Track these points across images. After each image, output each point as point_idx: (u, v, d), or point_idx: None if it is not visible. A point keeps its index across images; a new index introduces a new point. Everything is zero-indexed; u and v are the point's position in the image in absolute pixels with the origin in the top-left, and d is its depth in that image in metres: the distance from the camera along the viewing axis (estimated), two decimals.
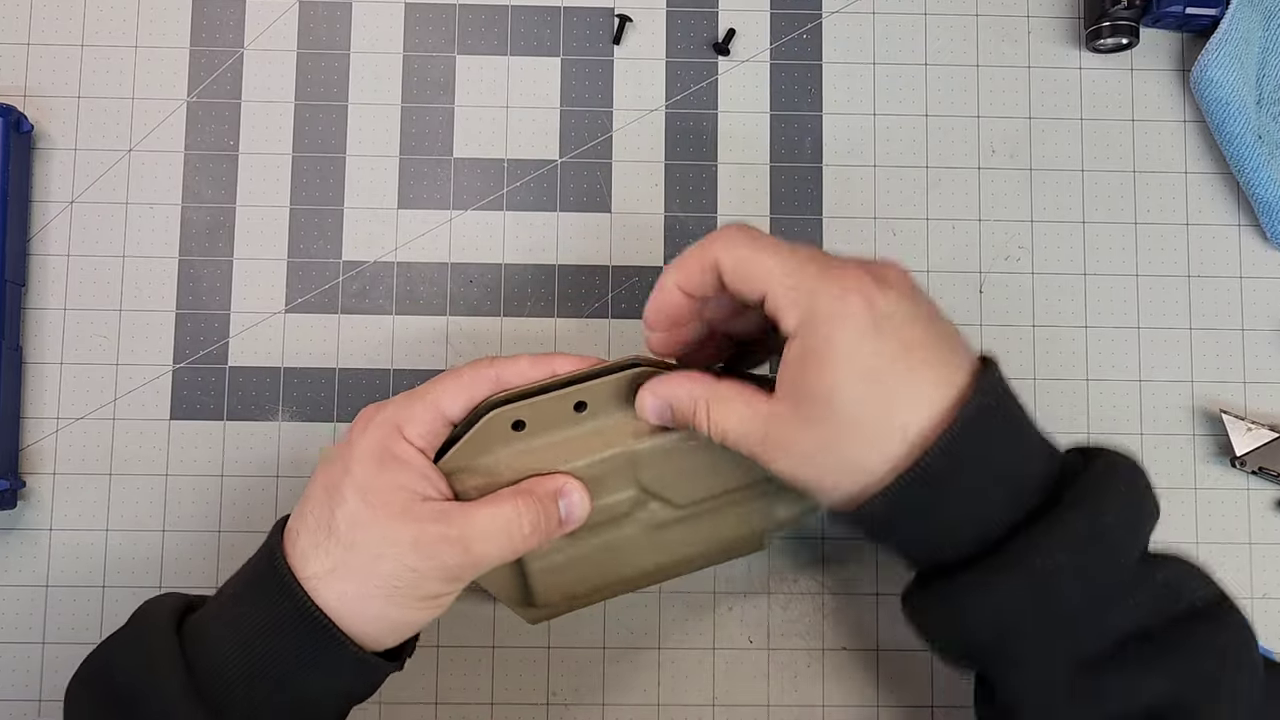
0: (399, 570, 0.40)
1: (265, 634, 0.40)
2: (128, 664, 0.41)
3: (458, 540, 0.41)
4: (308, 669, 0.41)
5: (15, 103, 0.56)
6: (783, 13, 0.59)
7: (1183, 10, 0.56)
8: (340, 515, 0.41)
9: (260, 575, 0.42)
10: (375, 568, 0.40)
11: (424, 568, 0.41)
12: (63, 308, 0.56)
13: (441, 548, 0.41)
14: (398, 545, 0.40)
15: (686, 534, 0.48)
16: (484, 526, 0.41)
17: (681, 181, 0.58)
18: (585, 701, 0.55)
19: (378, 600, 0.41)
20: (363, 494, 0.41)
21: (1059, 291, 0.58)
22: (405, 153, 0.58)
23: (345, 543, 0.41)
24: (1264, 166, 0.56)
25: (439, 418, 0.43)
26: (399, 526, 0.41)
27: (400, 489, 0.41)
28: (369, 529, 0.41)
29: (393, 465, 0.41)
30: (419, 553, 0.41)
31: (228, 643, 0.41)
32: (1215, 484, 0.57)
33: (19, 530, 0.55)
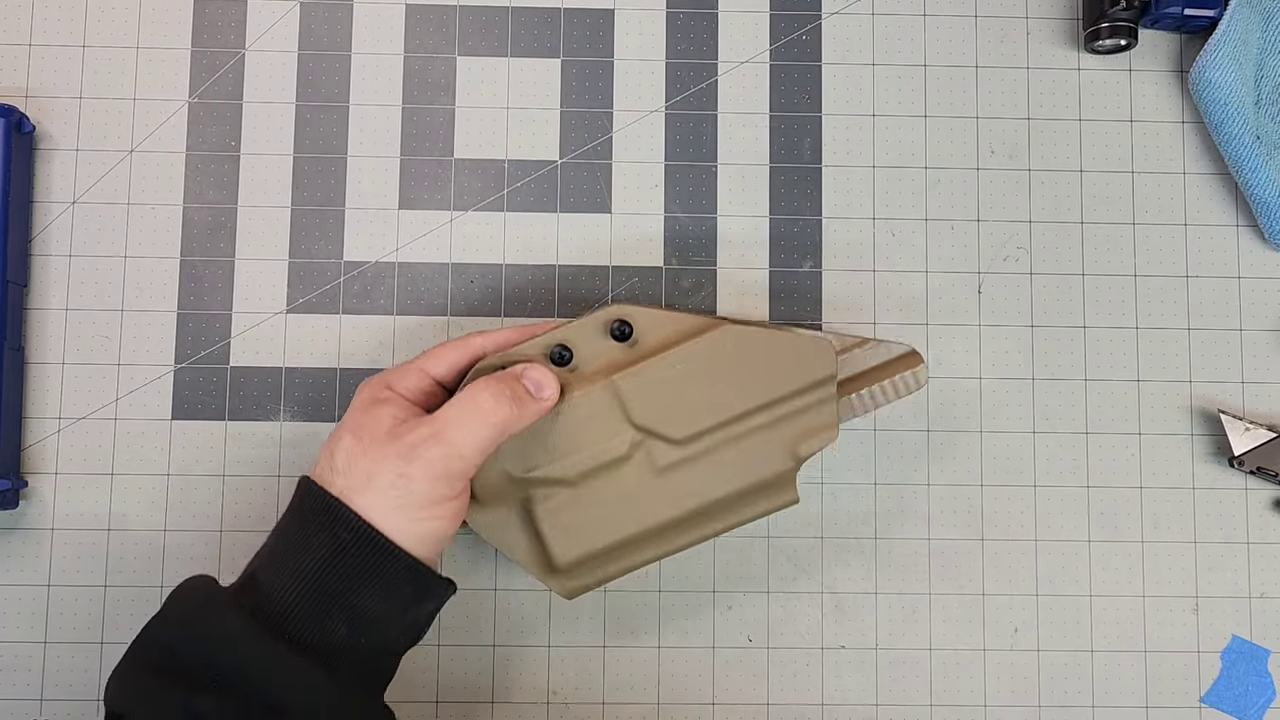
0: (392, 481, 0.44)
1: (324, 561, 0.43)
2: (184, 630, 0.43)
3: (431, 435, 0.44)
4: (367, 587, 0.43)
5: (17, 103, 0.56)
6: (782, 13, 0.59)
7: (1181, 11, 0.57)
8: (338, 454, 0.45)
9: (304, 515, 0.45)
10: (371, 484, 0.44)
11: (411, 471, 0.44)
12: (64, 308, 0.56)
13: (420, 447, 0.44)
14: (385, 460, 0.44)
15: (699, 476, 0.49)
16: (452, 414, 0.45)
17: (681, 182, 0.58)
18: (585, 701, 0.55)
19: (384, 512, 0.43)
20: (354, 431, 0.45)
21: (1057, 292, 0.58)
22: (406, 153, 0.58)
23: (343, 471, 0.44)
24: (1262, 167, 0.56)
25: (425, 376, 0.48)
26: (384, 445, 0.44)
27: (382, 419, 0.45)
28: (361, 460, 0.44)
29: (378, 407, 0.46)
30: (403, 458, 0.44)
31: (289, 584, 0.43)
32: (1213, 484, 0.57)
33: (21, 530, 0.55)
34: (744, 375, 0.48)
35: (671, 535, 0.49)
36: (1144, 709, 0.56)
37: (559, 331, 0.48)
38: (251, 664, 0.41)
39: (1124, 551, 0.57)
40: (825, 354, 0.49)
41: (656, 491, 0.48)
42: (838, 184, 0.58)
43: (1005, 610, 0.56)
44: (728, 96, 0.59)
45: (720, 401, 0.48)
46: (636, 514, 0.49)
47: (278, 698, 0.41)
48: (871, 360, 0.51)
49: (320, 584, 0.43)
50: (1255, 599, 0.57)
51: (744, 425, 0.48)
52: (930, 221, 0.58)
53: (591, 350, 0.48)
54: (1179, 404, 0.58)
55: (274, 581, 0.43)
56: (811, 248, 0.58)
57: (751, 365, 0.48)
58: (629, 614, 0.56)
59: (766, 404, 0.49)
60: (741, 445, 0.49)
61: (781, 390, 0.49)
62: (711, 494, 0.49)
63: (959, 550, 0.57)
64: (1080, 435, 0.57)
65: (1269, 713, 0.56)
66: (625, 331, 0.48)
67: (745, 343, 0.48)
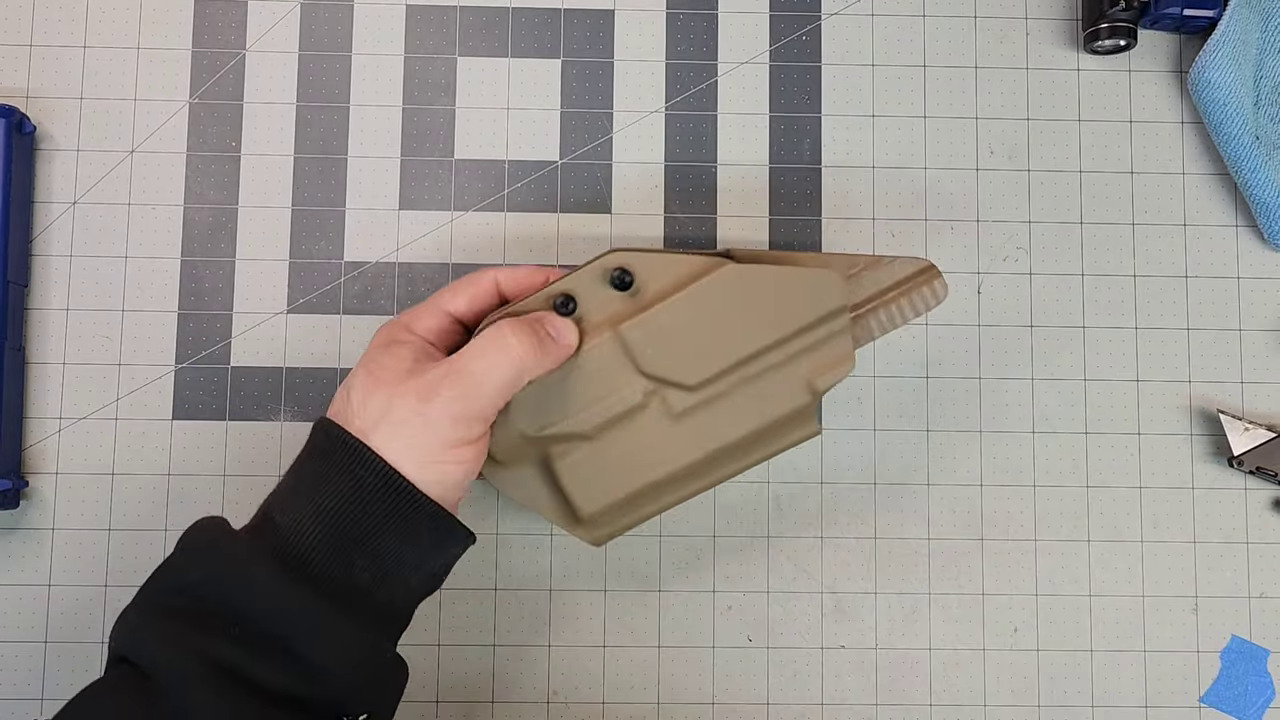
0: (408, 418, 0.42)
1: (346, 501, 0.42)
2: (202, 570, 0.41)
3: (450, 372, 0.43)
4: (388, 531, 0.42)
5: (18, 104, 0.56)
6: (782, 14, 0.59)
7: (1180, 12, 0.57)
8: (354, 390, 0.44)
9: (323, 454, 0.43)
10: (387, 422, 0.42)
11: (429, 409, 0.42)
12: (65, 308, 0.56)
13: (440, 384, 0.43)
14: (403, 396, 0.43)
15: (717, 419, 0.48)
16: (472, 351, 0.44)
17: (681, 183, 0.58)
18: (585, 700, 0.55)
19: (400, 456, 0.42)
20: (368, 368, 0.44)
21: (1057, 292, 0.58)
22: (406, 154, 0.58)
23: (359, 411, 0.43)
24: (1261, 167, 0.56)
25: (442, 313, 0.47)
26: (403, 382, 0.43)
27: (402, 358, 0.44)
28: (375, 393, 0.43)
29: (396, 347, 0.45)
30: (421, 395, 0.43)
31: (310, 525, 0.41)
32: (1213, 484, 0.57)
33: (21, 530, 0.55)
34: (751, 315, 0.47)
35: (696, 477, 0.49)
36: (1143, 709, 0.56)
37: (561, 282, 0.47)
38: (280, 616, 0.40)
39: (1123, 551, 0.57)
40: (834, 285, 0.48)
41: (676, 437, 0.48)
42: (838, 184, 0.58)
43: (1005, 610, 0.56)
44: (728, 97, 0.59)
45: (730, 344, 0.47)
46: (658, 460, 0.48)
47: (304, 646, 0.40)
48: (886, 279, 0.50)
49: (342, 526, 0.41)
50: (1255, 599, 0.57)
51: (758, 365, 0.48)
52: (930, 222, 0.58)
53: (595, 300, 0.47)
54: (1178, 404, 0.58)
55: (294, 523, 0.42)
56: (811, 247, 0.58)
57: (758, 304, 0.47)
58: (629, 614, 0.56)
59: (778, 341, 0.48)
60: (757, 384, 0.48)
61: (792, 326, 0.48)
62: (731, 434, 0.49)
63: (959, 550, 0.57)
64: (1080, 435, 0.57)
65: (1268, 712, 0.56)
66: (626, 280, 0.47)
67: (749, 282, 0.47)
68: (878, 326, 0.50)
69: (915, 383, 0.57)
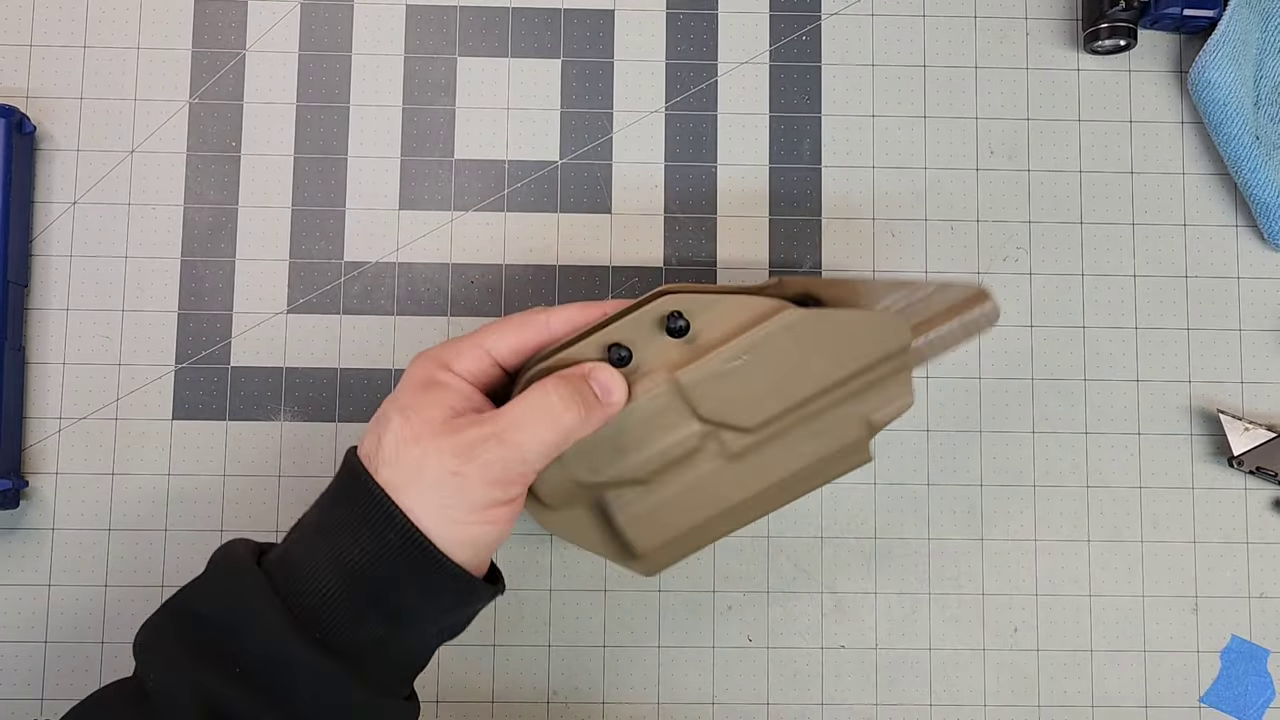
0: (443, 478, 0.40)
1: (367, 556, 0.40)
2: (215, 603, 0.41)
3: (493, 434, 0.41)
4: (409, 589, 0.41)
5: (18, 104, 0.56)
6: (782, 14, 0.59)
7: (1180, 12, 0.57)
8: (387, 436, 0.41)
9: (349, 501, 0.41)
10: (421, 480, 0.40)
11: (467, 470, 0.40)
12: (65, 308, 0.56)
13: (480, 447, 0.41)
14: (439, 453, 0.40)
15: (774, 457, 0.47)
16: (517, 414, 0.42)
17: (681, 183, 0.58)
18: (585, 700, 0.55)
19: (431, 511, 0.40)
20: (404, 412, 0.42)
21: (1057, 292, 0.58)
22: (406, 154, 0.58)
23: (391, 461, 0.41)
24: (1261, 167, 0.56)
25: (485, 356, 0.44)
26: (439, 438, 0.41)
27: (441, 405, 0.42)
28: (411, 445, 0.41)
29: (435, 389, 0.42)
30: (459, 456, 0.40)
31: (326, 572, 0.40)
32: (1213, 484, 0.57)
33: (21, 530, 0.55)
34: (813, 358, 0.46)
35: (750, 508, 0.49)
36: (1143, 709, 0.56)
37: (614, 329, 0.45)
38: (281, 664, 0.39)
39: (1123, 551, 0.57)
40: (898, 328, 0.46)
41: (731, 476, 0.47)
42: (837, 184, 0.58)
43: (1005, 610, 0.56)
44: (728, 97, 0.59)
45: (790, 387, 0.45)
46: (713, 498, 0.47)
47: (301, 703, 0.39)
48: (938, 304, 0.48)
49: (359, 579, 0.40)
50: (1255, 599, 0.57)
51: (817, 404, 0.46)
52: (930, 222, 0.58)
53: (649, 348, 0.45)
54: (1178, 404, 0.58)
55: (311, 568, 0.40)
56: (811, 247, 0.58)
57: (820, 348, 0.46)
58: (629, 614, 0.56)
59: (838, 382, 0.47)
60: (815, 423, 0.47)
61: (853, 367, 0.47)
62: (786, 469, 0.48)
63: (959, 550, 0.57)
64: (1080, 435, 0.57)
65: (1268, 712, 0.56)
66: (682, 327, 0.45)
67: (813, 327, 0.45)
68: (929, 350, 0.49)
69: (915, 383, 0.57)
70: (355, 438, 0.56)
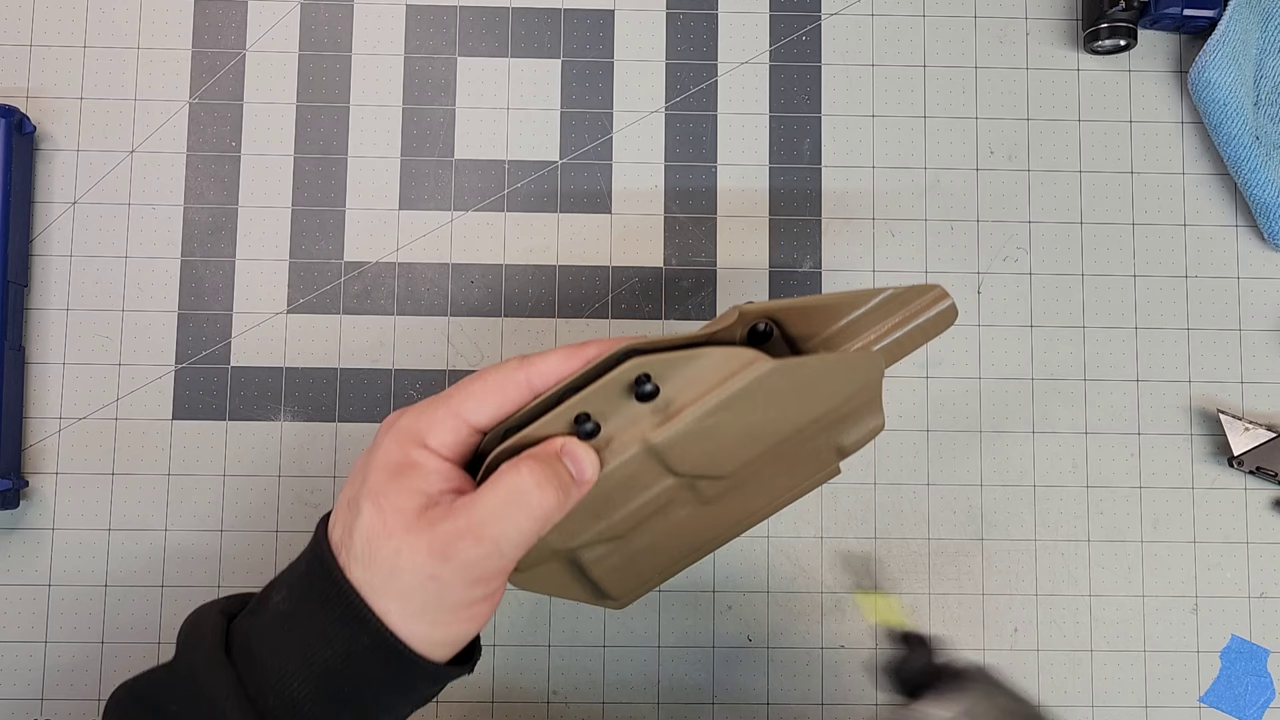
0: (419, 582, 0.38)
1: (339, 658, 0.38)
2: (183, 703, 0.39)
3: (468, 530, 0.38)
4: (383, 689, 0.39)
5: (18, 104, 0.56)
6: (782, 14, 0.59)
7: (1180, 12, 0.57)
8: (358, 530, 0.39)
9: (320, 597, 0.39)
10: (397, 583, 0.38)
11: (444, 573, 0.38)
12: (65, 308, 0.57)
13: (457, 546, 0.38)
14: (414, 553, 0.38)
15: (747, 494, 0.46)
16: (491, 505, 0.38)
17: (681, 183, 0.58)
18: (585, 700, 0.55)
19: (408, 617, 0.38)
20: (376, 502, 0.39)
21: (1057, 292, 0.58)
22: (406, 154, 0.58)
23: (363, 559, 0.38)
24: (1261, 167, 0.56)
25: (464, 426, 0.40)
26: (413, 534, 0.38)
27: (414, 493, 0.39)
28: (384, 542, 0.38)
29: (408, 472, 0.39)
30: (435, 557, 0.38)
31: (297, 675, 0.38)
32: (1213, 484, 0.57)
33: (22, 529, 0.55)
34: (788, 404, 0.44)
35: (720, 539, 0.48)
36: (1143, 709, 0.56)
37: (579, 399, 0.42)
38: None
39: (1123, 551, 0.57)
40: (873, 363, 0.45)
41: (705, 517, 0.46)
42: (838, 184, 0.58)
43: (1005, 610, 0.56)
44: (728, 97, 0.59)
45: (765, 433, 0.44)
46: (688, 540, 0.47)
47: None
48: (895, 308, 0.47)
49: (331, 682, 0.38)
50: (1255, 599, 0.57)
51: (791, 442, 0.45)
52: (930, 222, 0.58)
53: (619, 418, 0.42)
54: (1178, 404, 0.58)
55: (283, 672, 0.38)
56: (811, 247, 0.58)
57: (795, 394, 0.44)
58: (629, 614, 0.56)
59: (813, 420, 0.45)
60: (789, 457, 0.46)
61: (828, 407, 0.45)
62: (759, 503, 0.47)
63: (959, 550, 0.57)
64: (1080, 435, 0.57)
65: (1268, 713, 0.56)
66: (650, 391, 0.42)
67: (786, 376, 0.43)
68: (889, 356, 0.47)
69: (915, 383, 0.57)
70: (355, 438, 0.56)
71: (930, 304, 0.46)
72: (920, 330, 0.46)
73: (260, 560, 0.55)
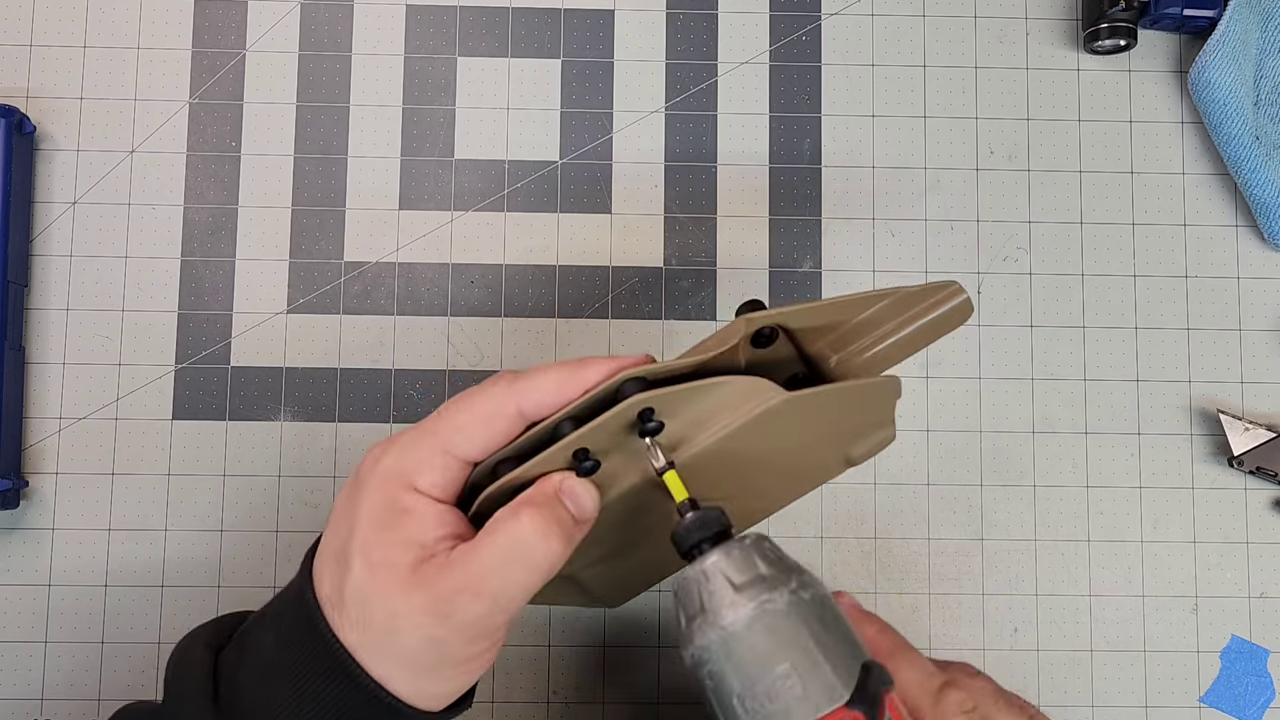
0: (420, 644, 0.36)
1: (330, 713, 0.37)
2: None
3: (466, 587, 0.35)
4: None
5: (18, 104, 0.56)
6: (782, 14, 0.59)
7: (1180, 12, 0.57)
8: (349, 586, 0.36)
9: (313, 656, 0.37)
10: (394, 644, 0.36)
11: (444, 633, 0.36)
12: (65, 308, 0.56)
13: (455, 603, 0.35)
14: (411, 614, 0.36)
15: (751, 504, 0.45)
16: (491, 560, 0.36)
17: (681, 183, 0.58)
18: (585, 701, 0.55)
19: (409, 678, 0.36)
20: (367, 556, 0.36)
21: (1057, 292, 0.58)
22: (406, 154, 0.58)
23: (357, 621, 0.36)
24: (1261, 167, 0.56)
25: (454, 462, 0.38)
26: (409, 593, 0.36)
27: (406, 546, 0.36)
28: (377, 602, 0.36)
29: (399, 521, 0.37)
30: (434, 617, 0.35)
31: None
32: (1213, 484, 0.57)
33: (21, 530, 0.55)
34: (800, 430, 0.42)
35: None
36: (1143, 709, 0.56)
37: (582, 434, 0.38)
38: None
39: (1123, 551, 0.57)
40: (890, 387, 0.43)
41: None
42: (838, 184, 0.58)
43: (1005, 610, 0.56)
44: (728, 97, 0.59)
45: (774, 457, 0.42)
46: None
47: None
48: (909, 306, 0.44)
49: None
50: (1255, 599, 0.57)
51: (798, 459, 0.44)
52: (930, 222, 0.58)
53: (621, 454, 0.40)
54: (1178, 404, 0.58)
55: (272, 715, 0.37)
56: (811, 247, 0.58)
57: (808, 420, 0.42)
58: (629, 614, 0.56)
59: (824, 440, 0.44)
60: (794, 470, 0.45)
61: (841, 428, 0.44)
62: (760, 506, 0.46)
63: (959, 550, 0.57)
64: (1080, 435, 0.57)
65: (1268, 713, 0.56)
66: (654, 427, 0.39)
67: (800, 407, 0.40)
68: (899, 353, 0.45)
69: (915, 383, 0.57)
70: (355, 438, 0.56)
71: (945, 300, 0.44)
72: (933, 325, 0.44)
73: (260, 560, 0.55)
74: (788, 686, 0.34)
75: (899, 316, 0.44)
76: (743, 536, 0.37)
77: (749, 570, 0.36)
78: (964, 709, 0.39)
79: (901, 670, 0.40)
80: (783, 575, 0.36)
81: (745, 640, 0.35)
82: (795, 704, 0.34)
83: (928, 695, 0.39)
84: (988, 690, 0.40)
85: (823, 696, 0.34)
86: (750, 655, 0.34)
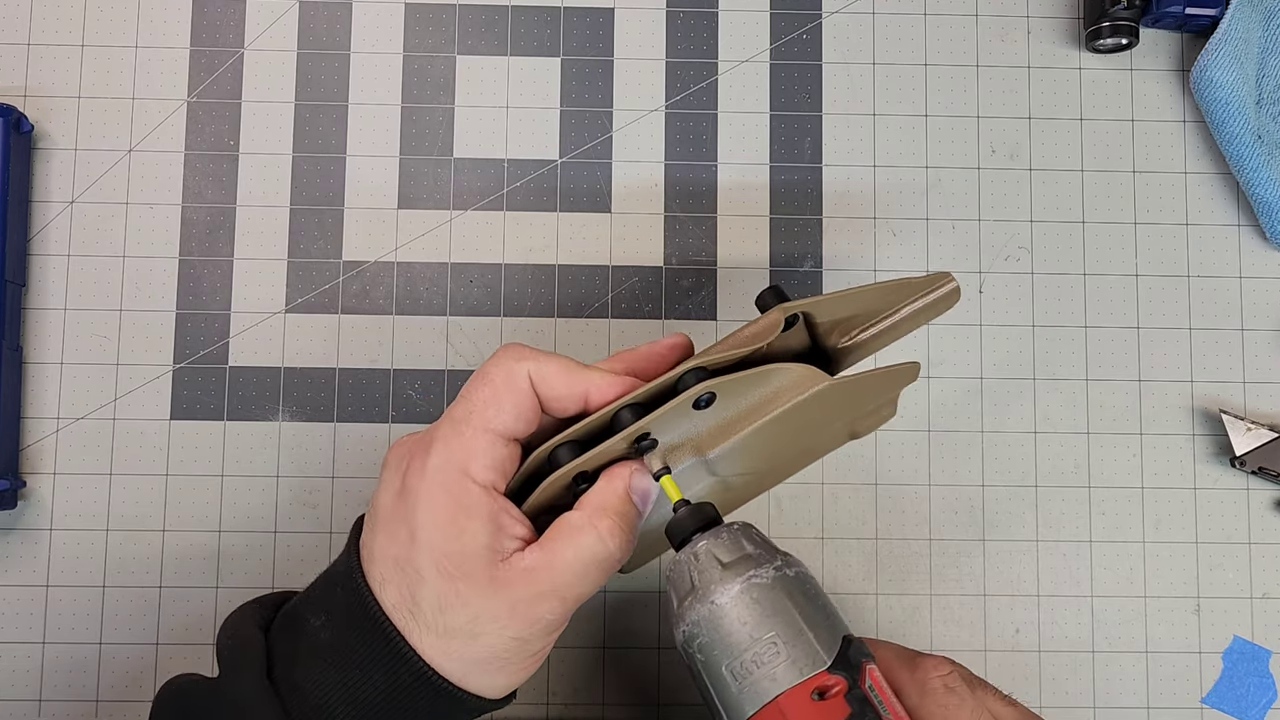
0: (503, 644, 0.39)
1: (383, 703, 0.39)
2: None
3: (550, 594, 0.38)
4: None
5: (15, 103, 0.56)
6: (782, 13, 0.59)
7: (1182, 10, 0.57)
8: (423, 596, 0.38)
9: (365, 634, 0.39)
10: (476, 647, 0.38)
11: (527, 634, 0.39)
12: (63, 308, 0.56)
13: (538, 608, 0.38)
14: (496, 620, 0.38)
15: (766, 478, 0.49)
16: (573, 569, 0.39)
17: (681, 182, 0.58)
18: (585, 701, 0.55)
19: (484, 672, 0.39)
20: (439, 566, 0.38)
21: (1059, 291, 0.58)
22: (405, 153, 0.58)
23: (437, 628, 0.38)
24: (1264, 166, 0.56)
25: (498, 441, 0.39)
26: (490, 600, 0.38)
27: (479, 552, 0.38)
28: (459, 610, 0.38)
29: (465, 523, 0.38)
30: (518, 620, 0.38)
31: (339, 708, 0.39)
32: (1215, 484, 0.57)
33: (19, 530, 0.55)
34: (833, 409, 0.46)
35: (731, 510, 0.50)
36: (1145, 709, 0.56)
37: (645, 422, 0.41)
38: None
39: (1125, 552, 0.57)
40: (912, 372, 0.47)
41: (726, 498, 0.48)
42: (838, 183, 0.58)
43: (1006, 611, 0.56)
44: (728, 95, 0.58)
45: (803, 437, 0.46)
46: None
47: None
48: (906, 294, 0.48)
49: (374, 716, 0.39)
50: (1257, 599, 0.56)
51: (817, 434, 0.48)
52: (931, 221, 0.58)
53: (675, 429, 0.42)
54: (1180, 404, 0.57)
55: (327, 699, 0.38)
56: (812, 246, 0.58)
57: (842, 402, 0.46)
58: (629, 614, 0.56)
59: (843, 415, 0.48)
60: (811, 445, 0.49)
61: (865, 408, 0.48)
62: (774, 482, 0.50)
63: (959, 550, 0.56)
64: (1081, 435, 0.57)
65: (1270, 714, 0.56)
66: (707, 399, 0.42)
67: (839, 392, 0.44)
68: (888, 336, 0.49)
69: (916, 383, 0.57)
70: (353, 438, 0.56)
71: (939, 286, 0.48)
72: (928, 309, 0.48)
73: (259, 560, 0.55)
74: (774, 653, 0.36)
75: (899, 302, 0.47)
76: (731, 523, 0.40)
77: (736, 550, 0.39)
78: (940, 673, 0.41)
79: (878, 649, 0.42)
80: (768, 554, 0.39)
81: (733, 613, 0.37)
82: (781, 669, 0.36)
83: (905, 665, 0.41)
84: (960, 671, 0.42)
85: (806, 662, 0.36)
86: (738, 626, 0.37)
